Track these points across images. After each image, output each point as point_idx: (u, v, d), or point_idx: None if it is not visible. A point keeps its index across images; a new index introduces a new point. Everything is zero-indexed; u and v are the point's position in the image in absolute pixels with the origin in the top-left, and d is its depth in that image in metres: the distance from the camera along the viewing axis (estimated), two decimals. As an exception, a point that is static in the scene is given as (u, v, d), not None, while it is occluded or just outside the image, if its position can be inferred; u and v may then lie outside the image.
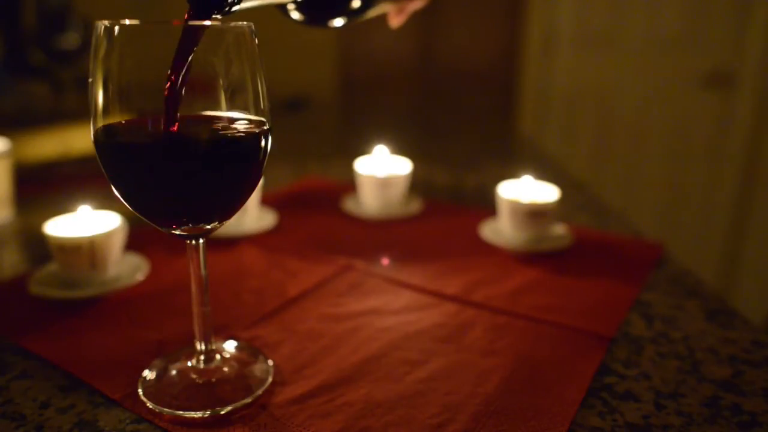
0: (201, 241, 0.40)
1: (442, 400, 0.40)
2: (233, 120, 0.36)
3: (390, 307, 0.54)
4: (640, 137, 2.14)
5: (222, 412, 0.38)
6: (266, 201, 0.79)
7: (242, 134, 0.36)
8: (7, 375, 0.43)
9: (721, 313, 0.54)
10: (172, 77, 0.33)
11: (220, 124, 0.36)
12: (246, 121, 0.36)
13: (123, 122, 0.34)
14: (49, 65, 1.27)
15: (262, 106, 0.37)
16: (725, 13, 1.96)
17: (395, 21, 0.62)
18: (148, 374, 0.42)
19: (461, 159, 1.16)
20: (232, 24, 0.35)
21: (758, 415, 0.39)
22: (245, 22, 0.36)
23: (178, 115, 0.33)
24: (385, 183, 0.76)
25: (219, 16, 0.37)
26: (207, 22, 0.34)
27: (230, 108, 0.36)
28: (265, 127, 0.37)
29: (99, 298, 0.54)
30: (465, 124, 1.65)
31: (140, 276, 0.57)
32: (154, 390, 0.41)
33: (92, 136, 0.35)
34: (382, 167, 0.78)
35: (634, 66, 2.09)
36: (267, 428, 0.37)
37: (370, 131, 1.27)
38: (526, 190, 0.69)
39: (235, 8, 0.37)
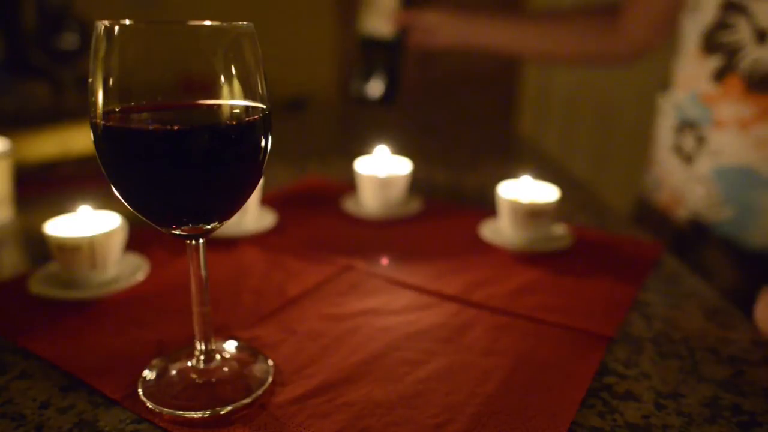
0: (201, 241, 0.40)
1: (442, 400, 0.40)
2: (233, 117, 0.36)
3: (390, 307, 0.54)
4: (640, 137, 2.14)
5: (222, 412, 0.38)
6: (266, 201, 0.79)
7: (242, 132, 0.36)
8: (7, 375, 0.43)
9: (721, 313, 0.54)
10: None
11: (220, 122, 0.36)
12: (246, 119, 0.36)
13: (123, 122, 0.34)
14: (49, 65, 1.27)
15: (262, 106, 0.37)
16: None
17: None
18: (148, 374, 0.42)
19: (461, 159, 1.16)
20: (233, 24, 0.35)
21: (758, 415, 0.39)
22: (245, 22, 0.36)
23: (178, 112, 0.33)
24: (385, 183, 0.76)
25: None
26: (207, 22, 0.34)
27: (231, 107, 0.36)
28: (266, 126, 0.37)
29: (99, 298, 0.54)
30: (465, 124, 1.65)
31: (140, 276, 0.57)
32: (154, 390, 0.41)
33: (92, 135, 0.35)
34: (382, 167, 0.78)
35: (634, 66, 2.09)
36: (267, 428, 0.37)
37: (370, 131, 1.28)
38: (526, 190, 0.69)
39: None
